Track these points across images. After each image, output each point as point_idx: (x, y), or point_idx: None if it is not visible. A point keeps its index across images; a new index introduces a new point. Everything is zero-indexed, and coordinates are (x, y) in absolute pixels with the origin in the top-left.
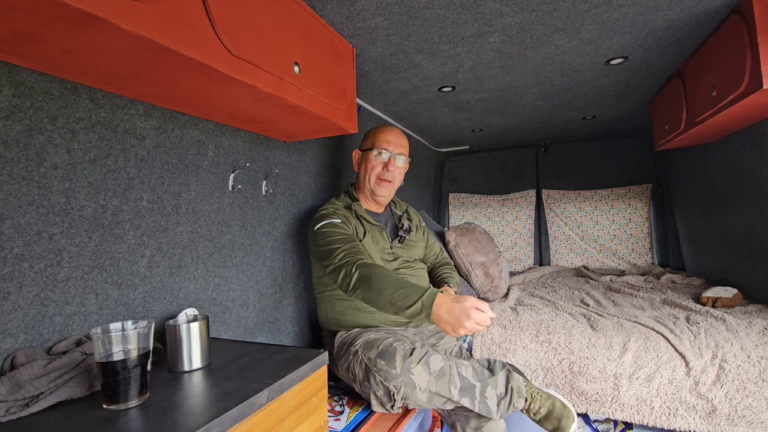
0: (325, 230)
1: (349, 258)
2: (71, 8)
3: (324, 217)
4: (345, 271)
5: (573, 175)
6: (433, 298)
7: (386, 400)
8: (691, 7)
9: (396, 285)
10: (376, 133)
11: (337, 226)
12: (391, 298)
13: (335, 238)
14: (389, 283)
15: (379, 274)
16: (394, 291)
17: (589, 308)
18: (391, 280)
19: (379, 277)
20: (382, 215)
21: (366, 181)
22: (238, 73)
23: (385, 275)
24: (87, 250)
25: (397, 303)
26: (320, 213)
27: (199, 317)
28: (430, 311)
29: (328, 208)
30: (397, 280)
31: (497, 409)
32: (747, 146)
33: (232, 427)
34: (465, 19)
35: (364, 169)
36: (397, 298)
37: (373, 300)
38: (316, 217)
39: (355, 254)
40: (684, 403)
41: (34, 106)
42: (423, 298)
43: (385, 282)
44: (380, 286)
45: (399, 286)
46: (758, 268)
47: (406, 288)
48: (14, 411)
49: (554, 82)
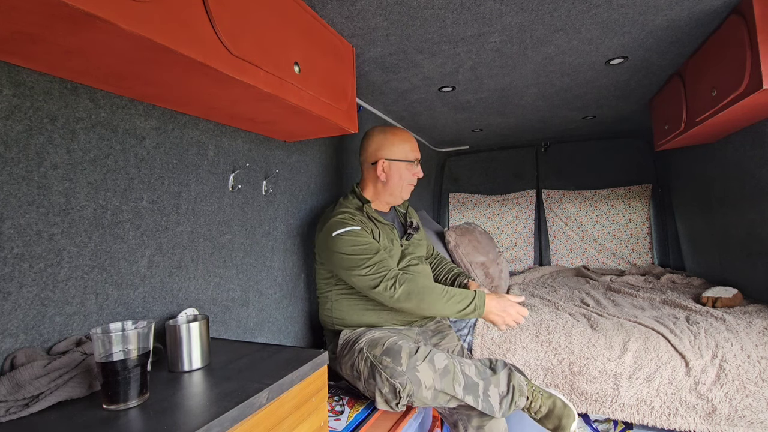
0: (348, 238)
1: (384, 271)
2: (71, 8)
3: (342, 224)
4: (386, 284)
5: (573, 175)
6: (483, 298)
7: (391, 398)
8: (691, 7)
9: (445, 295)
10: (403, 142)
11: (360, 234)
12: (444, 308)
13: (362, 247)
14: (438, 294)
15: (426, 287)
16: (446, 300)
17: (589, 308)
18: (438, 291)
19: (427, 290)
20: (389, 214)
21: (399, 189)
22: (238, 73)
23: (432, 288)
24: (87, 250)
25: (451, 309)
26: (336, 218)
27: (199, 317)
28: (482, 310)
29: (344, 213)
30: (444, 290)
31: (499, 408)
32: (747, 146)
33: (232, 427)
34: (465, 19)
35: (398, 178)
36: (450, 305)
37: (424, 309)
38: (331, 221)
39: (388, 266)
40: (684, 403)
41: (34, 106)
42: (475, 300)
43: (434, 294)
44: (431, 299)
45: (448, 295)
46: (758, 268)
47: (456, 295)
48: (14, 411)
49: (554, 82)
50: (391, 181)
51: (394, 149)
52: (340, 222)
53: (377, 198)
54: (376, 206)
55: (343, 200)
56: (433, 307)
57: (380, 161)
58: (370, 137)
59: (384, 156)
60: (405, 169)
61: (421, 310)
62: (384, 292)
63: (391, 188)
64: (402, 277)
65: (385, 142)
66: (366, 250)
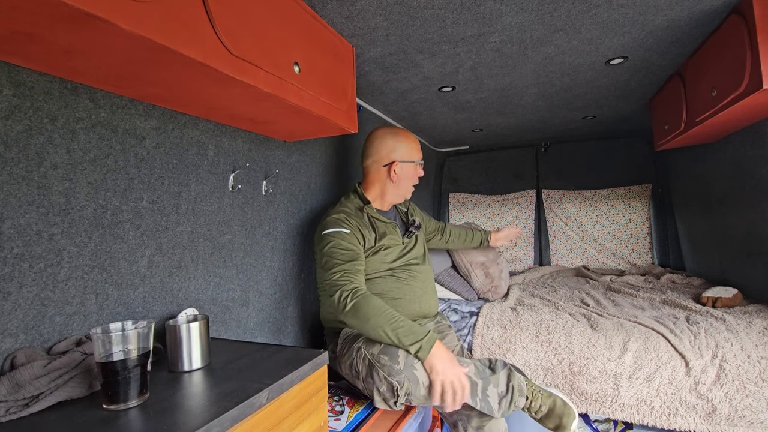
0: (333, 239)
1: (344, 282)
2: (71, 8)
3: (335, 223)
4: (341, 294)
5: (573, 175)
6: (431, 344)
7: (389, 396)
8: (691, 7)
9: (393, 323)
10: (410, 144)
11: (344, 238)
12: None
13: (339, 251)
14: (385, 319)
15: (377, 310)
16: (392, 330)
17: (589, 308)
18: (387, 317)
19: (377, 313)
20: (390, 212)
21: (405, 190)
22: (238, 73)
23: (382, 313)
24: (87, 250)
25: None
26: (331, 217)
27: (199, 317)
28: (426, 354)
29: (340, 213)
30: (394, 319)
31: (499, 408)
32: (747, 146)
33: (232, 427)
34: (465, 19)
35: (407, 180)
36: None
37: (367, 331)
38: (327, 219)
39: (351, 277)
40: (684, 403)
41: (34, 106)
42: (422, 342)
43: (381, 318)
44: (376, 321)
45: (396, 325)
46: (758, 268)
47: (406, 329)
48: (14, 411)
49: (554, 82)
50: (403, 183)
51: (406, 151)
52: (333, 221)
53: (381, 198)
54: (378, 206)
55: (344, 200)
56: (375, 332)
57: (395, 163)
58: (381, 139)
59: (398, 158)
60: (413, 170)
61: (364, 331)
62: (336, 302)
63: (400, 189)
64: (358, 294)
65: (398, 144)
66: (342, 255)
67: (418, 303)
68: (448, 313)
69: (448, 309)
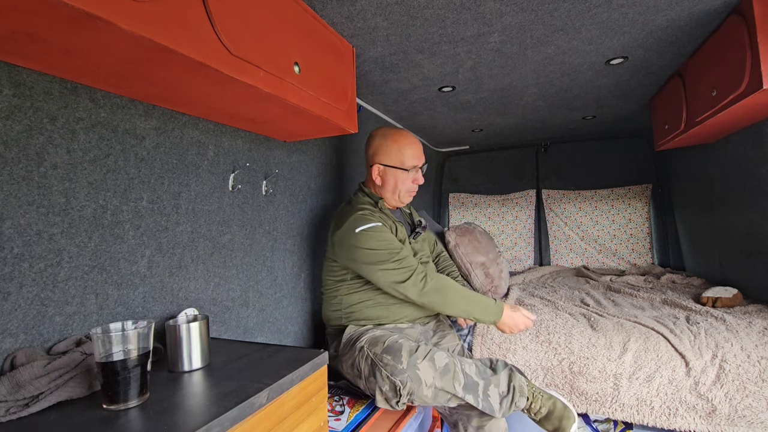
0: (374, 233)
1: (412, 265)
2: (71, 8)
3: (366, 220)
4: (416, 277)
5: (573, 175)
6: (501, 309)
7: (392, 396)
8: (691, 7)
9: (468, 297)
10: (401, 148)
11: (383, 231)
12: (466, 308)
13: (387, 242)
14: (462, 294)
15: (453, 286)
16: (468, 302)
17: (589, 308)
18: (463, 292)
19: (453, 288)
20: (396, 212)
21: (396, 195)
22: (238, 73)
23: (457, 288)
24: (87, 250)
25: (471, 311)
26: (357, 214)
27: (199, 317)
28: (499, 318)
29: (364, 210)
30: (467, 293)
31: (500, 408)
32: (747, 146)
33: (232, 427)
34: (465, 19)
35: (393, 184)
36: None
37: (447, 305)
38: (355, 216)
39: (414, 262)
40: (684, 403)
41: (34, 106)
42: (494, 308)
43: (459, 294)
44: (457, 297)
45: (471, 298)
46: (758, 268)
47: (478, 300)
48: (14, 411)
49: (554, 82)
50: (387, 186)
51: (390, 156)
52: (362, 218)
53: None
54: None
55: (354, 198)
56: (456, 306)
57: (375, 165)
58: (371, 139)
59: (379, 161)
60: (401, 176)
61: (444, 306)
62: (413, 285)
63: (387, 192)
64: (431, 273)
65: (383, 146)
66: (392, 245)
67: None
68: None
69: None
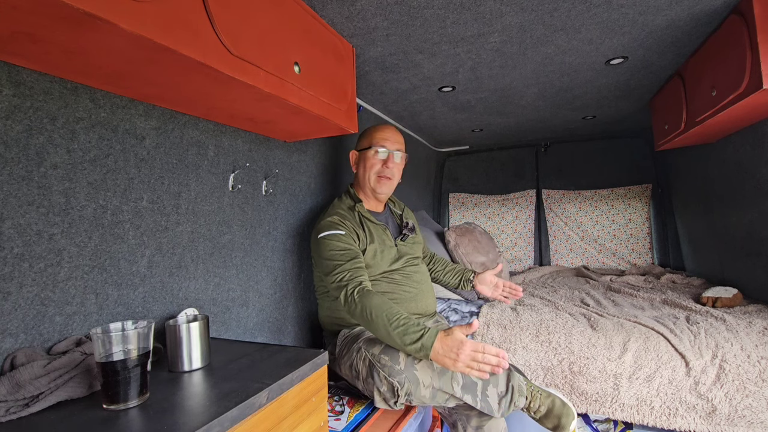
0: (329, 242)
1: (348, 281)
2: (71, 8)
3: (330, 226)
4: (346, 293)
5: (573, 175)
6: (432, 339)
7: (390, 396)
8: (691, 7)
9: (394, 323)
10: (372, 132)
11: (341, 240)
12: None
13: (338, 252)
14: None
15: (380, 308)
16: (393, 329)
17: (589, 308)
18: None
19: (380, 312)
20: (383, 214)
21: (366, 180)
22: (238, 73)
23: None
24: (87, 250)
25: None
26: (326, 220)
27: (199, 317)
28: (429, 351)
29: (334, 216)
30: (396, 318)
31: (498, 407)
32: (747, 146)
33: (232, 427)
34: (465, 19)
35: (363, 169)
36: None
37: (372, 330)
38: (321, 223)
39: (356, 276)
40: (684, 403)
41: (34, 106)
42: (422, 340)
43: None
44: (380, 322)
45: (397, 323)
46: (758, 268)
47: (406, 327)
48: (14, 411)
49: (554, 82)
50: (359, 172)
51: (363, 140)
52: (328, 224)
53: (365, 196)
54: (369, 206)
55: (337, 200)
56: (378, 332)
57: (352, 152)
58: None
59: (355, 148)
60: (371, 157)
61: (373, 332)
62: (344, 302)
63: (362, 181)
64: (363, 291)
65: (361, 136)
66: (341, 255)
67: (414, 302)
68: (448, 313)
69: (448, 309)
